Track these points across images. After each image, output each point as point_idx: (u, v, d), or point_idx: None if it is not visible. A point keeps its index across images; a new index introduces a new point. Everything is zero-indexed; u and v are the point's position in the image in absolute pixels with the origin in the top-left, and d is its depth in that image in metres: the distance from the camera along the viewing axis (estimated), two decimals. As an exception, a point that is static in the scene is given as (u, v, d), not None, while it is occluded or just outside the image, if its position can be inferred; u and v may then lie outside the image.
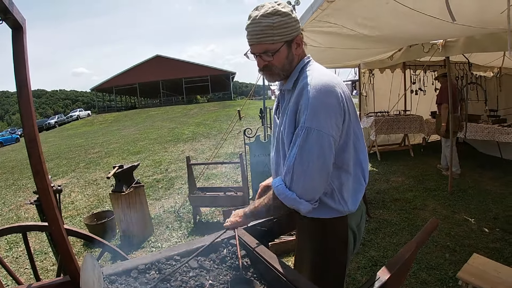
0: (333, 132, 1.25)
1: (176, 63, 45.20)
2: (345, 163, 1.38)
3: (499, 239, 3.57)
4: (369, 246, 3.57)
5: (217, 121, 19.05)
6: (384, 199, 4.92)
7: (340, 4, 2.88)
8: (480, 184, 5.36)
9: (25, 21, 1.21)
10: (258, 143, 4.74)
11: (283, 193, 1.30)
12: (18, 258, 4.14)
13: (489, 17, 3.09)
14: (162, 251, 1.60)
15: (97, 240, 2.26)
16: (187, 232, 4.33)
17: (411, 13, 3.02)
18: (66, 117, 40.35)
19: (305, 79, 1.30)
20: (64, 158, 12.45)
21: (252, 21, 1.31)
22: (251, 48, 1.37)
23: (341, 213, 1.41)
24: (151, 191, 6.31)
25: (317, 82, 1.26)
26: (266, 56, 1.35)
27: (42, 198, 1.27)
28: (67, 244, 1.36)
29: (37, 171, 1.23)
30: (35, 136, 1.21)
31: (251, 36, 1.33)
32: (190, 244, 1.63)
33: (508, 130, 5.52)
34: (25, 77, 1.18)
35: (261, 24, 1.29)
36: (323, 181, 1.30)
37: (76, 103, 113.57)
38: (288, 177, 1.28)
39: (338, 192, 1.39)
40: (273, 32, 1.29)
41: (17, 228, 2.21)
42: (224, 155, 9.13)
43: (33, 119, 1.21)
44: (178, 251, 1.58)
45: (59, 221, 1.33)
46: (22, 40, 1.18)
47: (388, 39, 4.63)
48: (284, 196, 1.30)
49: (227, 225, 1.55)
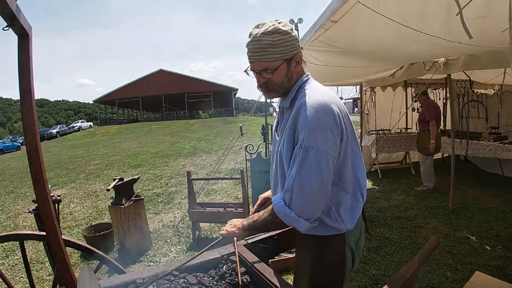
0: (331, 150, 1.26)
1: (179, 78, 45.55)
2: (343, 181, 1.38)
3: (501, 257, 3.53)
4: (370, 265, 3.52)
5: (218, 137, 19.08)
6: (385, 217, 4.88)
7: (342, 24, 2.92)
8: (482, 202, 5.33)
9: (32, 29, 1.22)
10: (259, 160, 4.72)
11: (282, 211, 1.29)
12: (14, 266, 4.12)
13: (491, 36, 3.13)
14: (161, 265, 1.58)
15: (95, 252, 2.24)
16: (185, 248, 4.28)
17: (413, 33, 3.06)
18: (68, 127, 40.39)
19: (303, 97, 1.32)
20: (65, 168, 12.44)
21: (253, 38, 1.33)
22: (251, 65, 1.39)
23: (339, 231, 1.41)
24: (150, 205, 6.27)
25: (314, 100, 1.28)
26: (265, 73, 1.37)
27: (41, 207, 1.27)
28: (64, 254, 1.35)
29: (37, 180, 1.23)
30: (36, 145, 1.21)
31: (251, 53, 1.35)
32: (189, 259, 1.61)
33: (509, 147, 5.52)
34: (29, 86, 1.19)
35: (261, 42, 1.31)
36: (322, 200, 1.29)
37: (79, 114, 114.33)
38: (288, 195, 1.28)
39: (335, 210, 1.39)
40: (273, 50, 1.31)
41: (14, 236, 2.19)
42: (225, 170, 9.11)
43: (35, 128, 1.21)
44: (177, 265, 1.55)
45: (58, 231, 1.32)
46: (28, 48, 1.18)
47: (390, 57, 4.68)
48: (283, 214, 1.30)
49: (223, 233, 1.54)
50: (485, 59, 4.15)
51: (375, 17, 2.70)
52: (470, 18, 2.41)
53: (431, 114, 5.80)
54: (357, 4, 2.51)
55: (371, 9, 2.56)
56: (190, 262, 1.56)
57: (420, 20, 2.73)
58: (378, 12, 2.61)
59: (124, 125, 40.45)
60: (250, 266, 1.51)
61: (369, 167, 7.68)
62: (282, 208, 1.30)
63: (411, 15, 2.65)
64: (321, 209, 1.33)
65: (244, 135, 6.12)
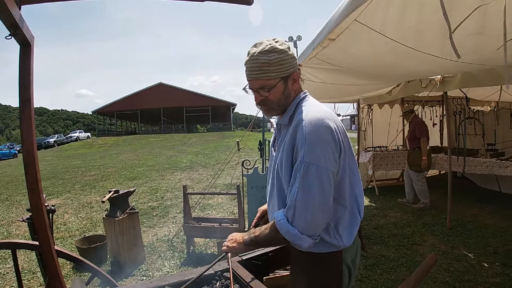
0: (331, 166, 1.27)
1: (178, 92, 45.88)
2: (342, 197, 1.38)
3: (499, 274, 3.51)
4: (366, 283, 3.47)
5: (215, 151, 19.08)
6: (382, 234, 4.85)
7: (340, 42, 2.95)
8: (479, 219, 5.32)
9: (34, 39, 1.22)
10: (256, 175, 4.71)
11: (285, 228, 1.29)
12: (5, 274, 4.08)
13: (486, 54, 3.16)
14: (153, 280, 1.55)
15: (88, 264, 2.21)
16: (179, 262, 4.23)
17: (410, 52, 3.09)
18: (65, 137, 40.46)
19: (300, 114, 1.33)
20: (60, 178, 12.37)
21: (250, 57, 1.36)
22: (249, 83, 1.42)
23: (336, 248, 1.39)
24: (145, 218, 6.21)
25: (312, 117, 1.30)
26: (262, 91, 1.39)
27: (35, 216, 1.26)
28: (56, 265, 1.33)
29: (33, 189, 1.22)
30: (33, 154, 1.21)
31: (249, 72, 1.38)
32: (182, 275, 1.59)
33: (506, 164, 5.54)
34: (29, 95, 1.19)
35: (258, 61, 1.34)
36: (325, 216, 1.29)
37: (77, 124, 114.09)
38: (291, 212, 1.28)
39: (333, 226, 1.38)
40: (269, 69, 1.34)
41: (6, 245, 2.17)
42: (222, 185, 9.07)
43: (33, 136, 1.21)
44: (170, 281, 1.53)
45: (50, 241, 1.31)
46: (30, 58, 1.19)
47: (386, 75, 4.72)
48: (286, 231, 1.29)
49: (224, 249, 1.53)
50: (482, 77, 4.19)
51: (372, 34, 2.72)
52: (465, 35, 2.44)
53: (422, 131, 5.89)
54: (354, 22, 2.53)
55: (368, 27, 2.59)
56: (183, 278, 1.54)
57: (416, 38, 2.76)
58: (375, 30, 2.64)
59: (122, 137, 40.48)
60: (244, 283, 1.48)
61: (366, 184, 7.65)
62: (285, 225, 1.29)
63: (408, 33, 2.68)
64: (324, 225, 1.32)
65: (242, 150, 6.11)
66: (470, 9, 1.82)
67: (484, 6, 1.85)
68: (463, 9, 1.95)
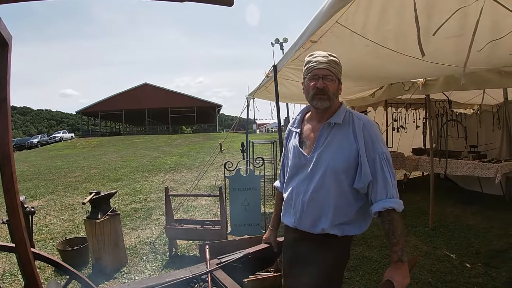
0: None
1: (163, 92, 45.55)
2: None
3: (481, 274, 3.55)
4: (348, 284, 3.47)
5: (200, 153, 19.01)
6: (365, 235, 4.84)
7: (322, 44, 2.95)
8: (462, 219, 5.40)
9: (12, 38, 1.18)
10: (238, 177, 4.67)
11: (400, 203, 1.61)
12: (-15, 277, 3.94)
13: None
14: (131, 283, 1.52)
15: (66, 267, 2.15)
16: (161, 265, 4.17)
17: (392, 54, 3.10)
18: (49, 137, 39.61)
19: (361, 118, 1.72)
20: (43, 179, 12.12)
21: (332, 57, 1.71)
22: (317, 71, 1.70)
23: (361, 231, 1.80)
24: (128, 220, 6.12)
25: (370, 121, 1.74)
26: (327, 80, 1.69)
27: (10, 218, 1.24)
28: (33, 268, 1.30)
29: (8, 190, 1.20)
30: (9, 154, 1.19)
31: (327, 64, 1.69)
32: (160, 278, 1.55)
33: (488, 166, 5.64)
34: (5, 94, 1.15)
35: (331, 57, 1.71)
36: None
37: (61, 125, 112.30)
38: (395, 191, 1.63)
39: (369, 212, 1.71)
40: (337, 66, 1.73)
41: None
42: (205, 187, 9.01)
43: (9, 136, 1.18)
44: (147, 284, 1.50)
45: (27, 243, 1.28)
46: (6, 58, 1.15)
47: (369, 77, 4.75)
48: (400, 205, 1.60)
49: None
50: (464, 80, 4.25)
51: (354, 37, 2.73)
52: (445, 37, 2.46)
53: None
54: (336, 24, 2.54)
55: (349, 29, 2.59)
56: (161, 280, 1.50)
57: (397, 40, 2.77)
58: (356, 32, 2.65)
59: (106, 137, 39.94)
60: (223, 286, 1.46)
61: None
62: (400, 204, 1.60)
63: (389, 35, 2.69)
64: None
65: (226, 151, 6.06)
66: (451, 11, 1.83)
67: (465, 7, 1.86)
68: (443, 11, 1.96)
